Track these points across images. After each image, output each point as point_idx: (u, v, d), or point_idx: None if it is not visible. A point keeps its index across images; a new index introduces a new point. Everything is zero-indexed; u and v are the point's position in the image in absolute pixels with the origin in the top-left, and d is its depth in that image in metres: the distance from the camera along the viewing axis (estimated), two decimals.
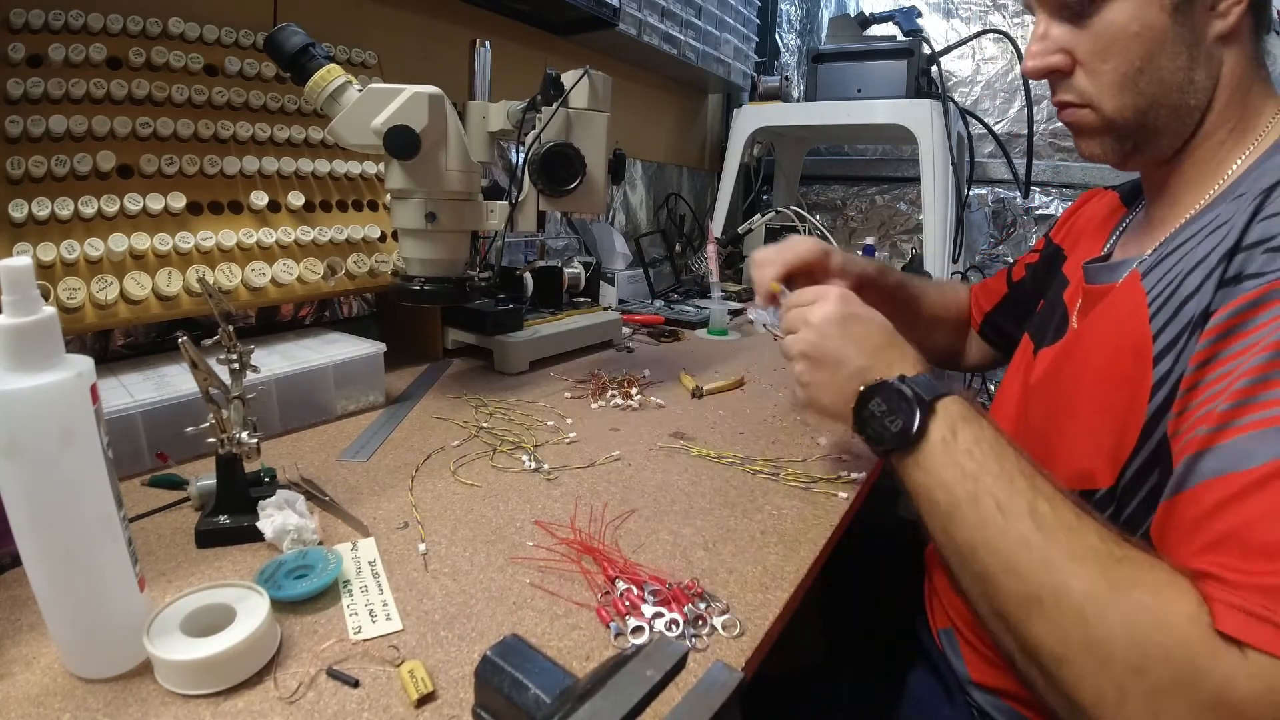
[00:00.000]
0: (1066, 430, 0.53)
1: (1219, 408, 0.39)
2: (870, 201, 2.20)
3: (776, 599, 0.48)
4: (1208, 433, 0.39)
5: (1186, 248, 0.48)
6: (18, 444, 0.34)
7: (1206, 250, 0.45)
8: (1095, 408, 0.50)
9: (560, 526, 0.56)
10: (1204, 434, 0.39)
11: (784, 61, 2.28)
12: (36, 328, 0.35)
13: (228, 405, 0.51)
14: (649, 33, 1.48)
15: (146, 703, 0.36)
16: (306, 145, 0.89)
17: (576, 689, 0.29)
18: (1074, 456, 0.51)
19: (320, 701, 0.37)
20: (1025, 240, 1.98)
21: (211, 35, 0.82)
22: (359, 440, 0.72)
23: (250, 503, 0.52)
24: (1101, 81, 0.52)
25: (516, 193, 0.85)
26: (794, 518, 0.59)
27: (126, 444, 0.61)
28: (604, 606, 0.45)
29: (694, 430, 0.78)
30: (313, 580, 0.45)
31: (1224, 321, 0.41)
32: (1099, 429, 0.49)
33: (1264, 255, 0.41)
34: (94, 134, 0.71)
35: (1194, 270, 0.45)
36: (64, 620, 0.38)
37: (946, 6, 2.00)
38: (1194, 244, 0.47)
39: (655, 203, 1.88)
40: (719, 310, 1.28)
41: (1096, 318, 0.55)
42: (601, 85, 0.86)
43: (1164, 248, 0.51)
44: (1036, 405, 0.59)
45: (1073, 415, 0.53)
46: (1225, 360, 0.40)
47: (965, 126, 1.69)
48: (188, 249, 0.74)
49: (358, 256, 0.88)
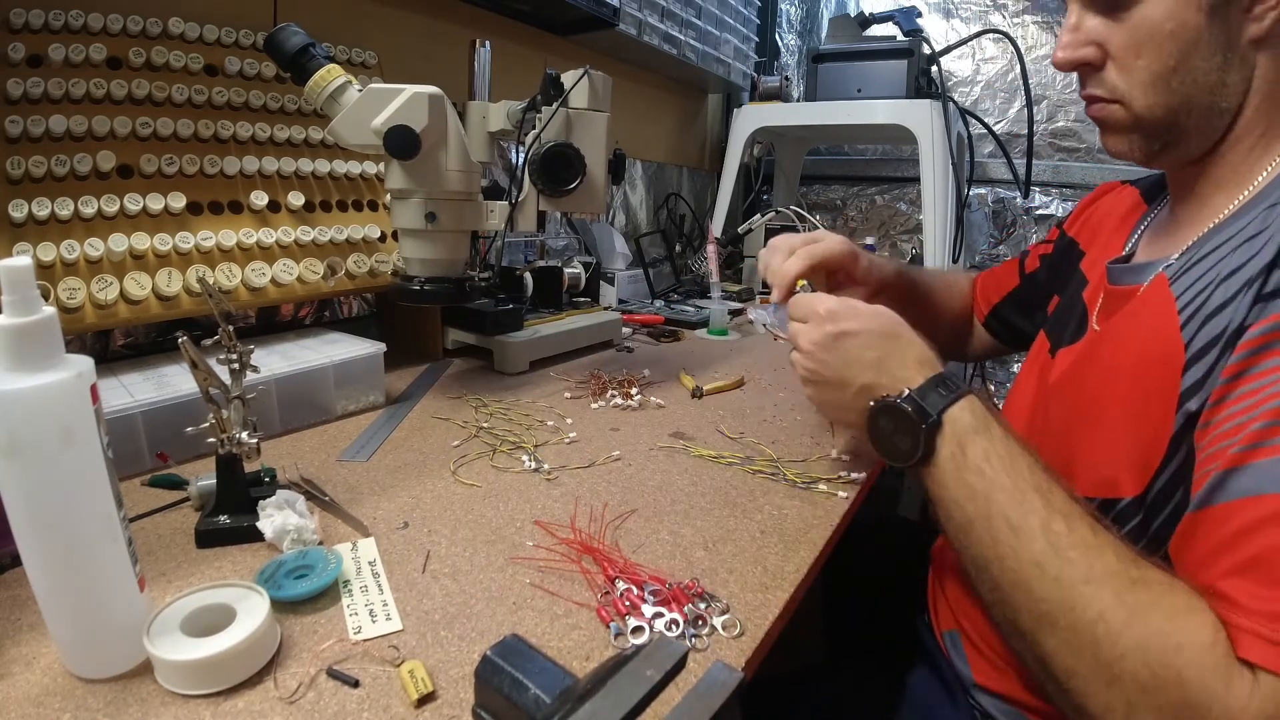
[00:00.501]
0: (1089, 435, 0.52)
1: (1253, 426, 0.38)
2: (870, 201, 2.20)
3: (776, 599, 0.48)
4: (1240, 450, 0.38)
5: (1218, 255, 0.47)
6: (18, 444, 0.34)
7: (1241, 260, 0.44)
8: (1121, 414, 0.49)
9: (560, 526, 0.56)
10: (1236, 451, 0.38)
11: (784, 61, 2.28)
12: (36, 328, 0.35)
13: (228, 405, 0.51)
14: (649, 33, 1.48)
15: (146, 703, 0.36)
16: (306, 145, 0.89)
17: (576, 689, 0.29)
18: (1098, 463, 0.50)
19: (320, 701, 0.37)
20: (1025, 240, 1.98)
21: (211, 35, 0.82)
22: (359, 440, 0.72)
23: (250, 503, 0.52)
24: (1134, 78, 0.51)
25: (516, 193, 0.85)
26: (794, 518, 0.59)
27: (126, 444, 0.61)
28: (604, 607, 0.45)
29: (694, 430, 0.78)
30: (313, 580, 0.45)
31: (1259, 336, 0.40)
32: (1124, 437, 0.48)
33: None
34: (94, 134, 0.71)
35: (1227, 279, 0.44)
36: (64, 620, 0.38)
37: (946, 6, 2.00)
38: (1226, 251, 0.46)
39: (655, 203, 1.88)
40: (719, 310, 1.28)
41: (1121, 321, 0.54)
42: (601, 85, 0.86)
43: (1192, 252, 0.50)
44: (1056, 406, 0.58)
45: (1097, 421, 0.52)
46: (1258, 375, 0.40)
47: (965, 126, 1.69)
48: (188, 249, 0.74)
49: (358, 256, 0.88)
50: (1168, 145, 0.53)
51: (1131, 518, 0.47)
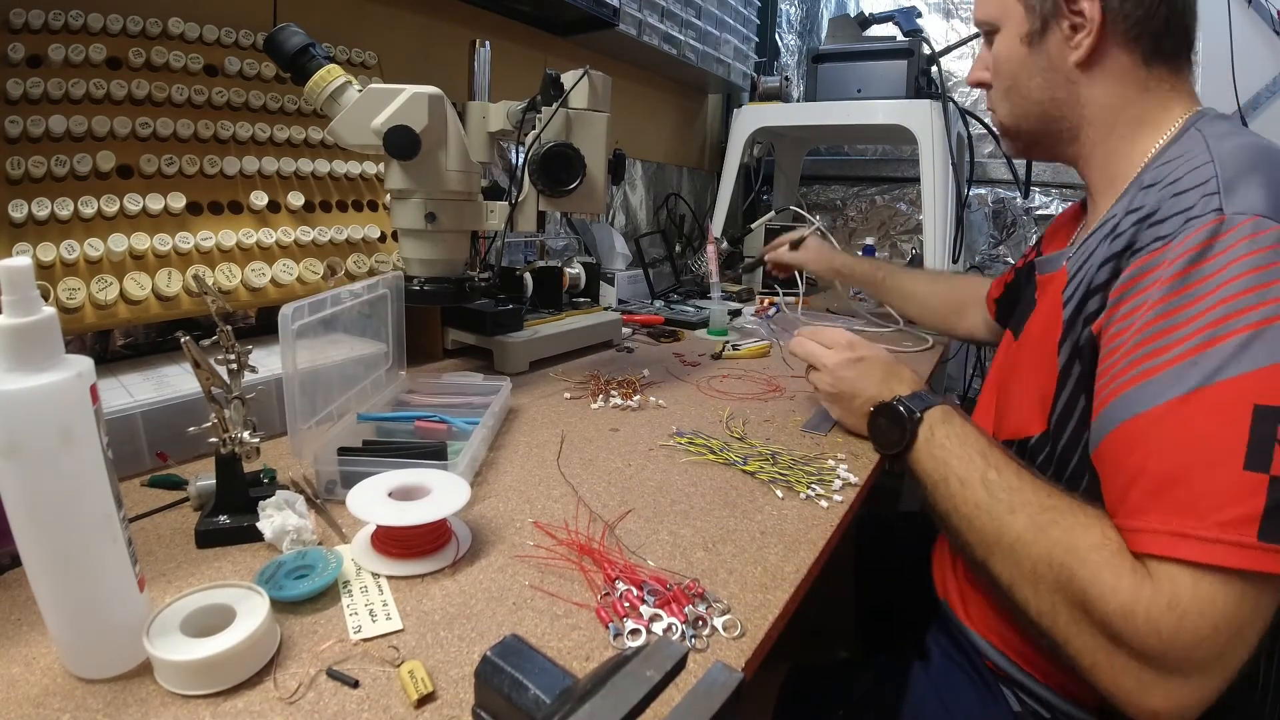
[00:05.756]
0: (1010, 393, 0.66)
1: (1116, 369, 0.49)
2: (870, 201, 2.20)
3: (776, 599, 0.48)
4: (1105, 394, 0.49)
5: (1095, 234, 0.58)
6: (18, 444, 0.34)
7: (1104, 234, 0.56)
8: (1027, 369, 0.63)
9: (560, 527, 0.56)
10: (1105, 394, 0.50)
11: (784, 61, 2.28)
12: (36, 328, 0.35)
13: (228, 405, 0.51)
14: (649, 33, 1.48)
15: (146, 703, 0.36)
16: (306, 145, 0.89)
17: (576, 689, 0.29)
18: (1016, 413, 0.63)
19: (320, 702, 0.37)
20: (1025, 240, 1.98)
21: (211, 35, 0.82)
22: None
23: (250, 503, 0.52)
24: (994, 94, 0.69)
25: (516, 193, 0.85)
26: (794, 518, 0.59)
27: (126, 444, 0.61)
28: (604, 607, 0.45)
29: (694, 430, 0.78)
30: (313, 580, 0.45)
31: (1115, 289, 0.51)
32: (1030, 388, 0.61)
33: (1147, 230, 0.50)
34: (94, 134, 0.71)
35: (1095, 249, 0.56)
36: (64, 620, 0.38)
37: (946, 6, 2.00)
38: (1100, 230, 0.57)
39: (655, 203, 1.88)
40: (719, 310, 1.28)
41: (1042, 301, 0.66)
42: (601, 85, 0.86)
43: (1084, 237, 0.63)
44: (1002, 385, 0.70)
45: (1014, 380, 0.65)
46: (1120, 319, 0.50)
47: (965, 126, 1.69)
48: (188, 249, 0.74)
49: (358, 256, 0.88)
50: (1027, 145, 0.70)
51: (1042, 449, 0.59)
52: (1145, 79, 0.60)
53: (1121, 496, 0.47)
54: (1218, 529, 0.41)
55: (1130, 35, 0.59)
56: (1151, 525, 0.44)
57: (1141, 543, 0.44)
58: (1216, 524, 0.41)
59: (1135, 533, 0.45)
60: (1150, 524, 0.44)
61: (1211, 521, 0.41)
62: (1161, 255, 0.48)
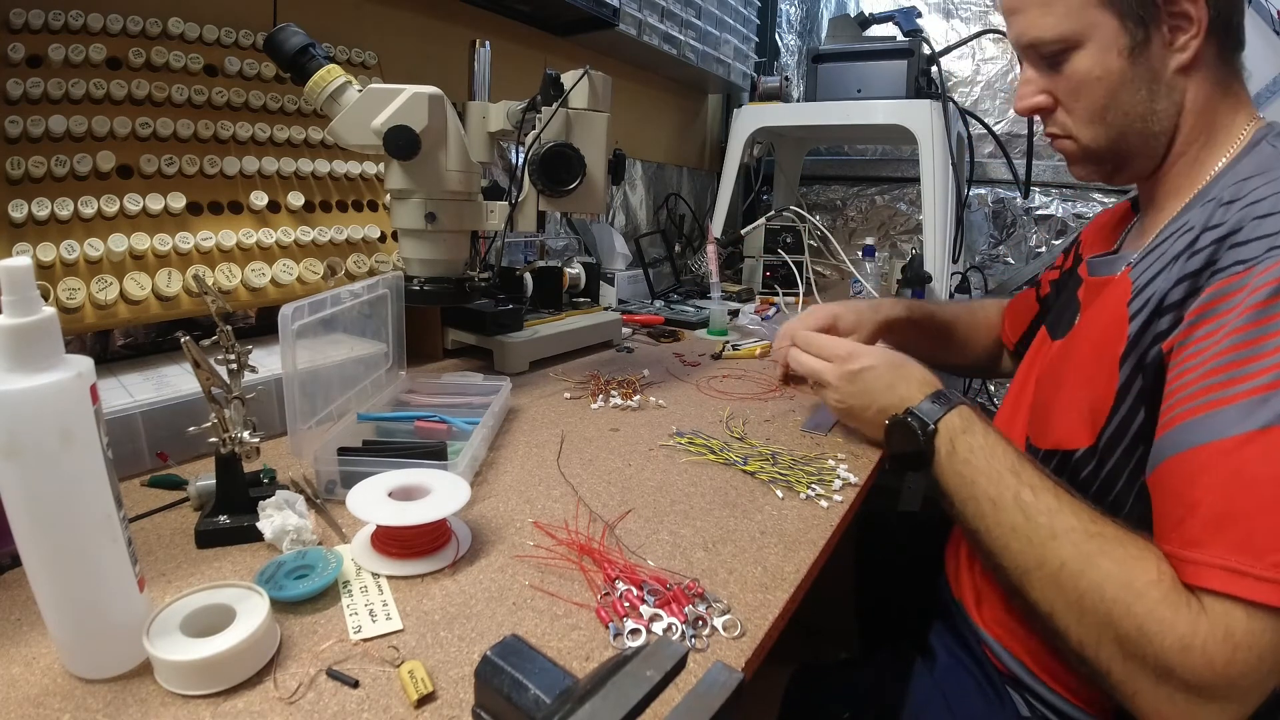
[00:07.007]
0: (1055, 400, 0.62)
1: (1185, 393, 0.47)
2: (870, 201, 2.20)
3: (776, 599, 0.48)
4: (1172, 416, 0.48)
5: (1164, 246, 0.56)
6: (18, 444, 0.34)
7: (1178, 248, 0.53)
8: (1078, 378, 0.59)
9: (560, 527, 0.56)
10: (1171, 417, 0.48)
11: (784, 61, 2.28)
12: (36, 328, 0.34)
13: (228, 405, 0.51)
14: (649, 33, 1.48)
15: (146, 703, 0.36)
16: (306, 145, 0.89)
17: (576, 689, 0.29)
18: (1061, 424, 0.60)
19: (320, 702, 0.37)
20: (1025, 240, 1.98)
21: (211, 35, 0.82)
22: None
23: (250, 503, 0.52)
24: (1076, 118, 0.62)
25: (516, 193, 0.85)
26: (794, 518, 0.59)
27: (126, 444, 0.61)
28: (604, 607, 0.45)
29: (694, 430, 0.78)
30: (313, 580, 0.45)
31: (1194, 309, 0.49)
32: (1080, 398, 0.58)
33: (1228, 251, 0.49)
34: (94, 134, 0.71)
35: (1169, 265, 0.54)
36: (64, 620, 0.38)
37: (946, 6, 2.00)
38: (1171, 243, 0.55)
39: (655, 203, 1.88)
40: (719, 310, 1.27)
41: (1094, 307, 0.63)
42: (601, 85, 0.86)
43: (1149, 245, 0.59)
44: (1043, 389, 0.67)
45: (1059, 387, 0.62)
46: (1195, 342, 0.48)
47: (965, 126, 1.69)
48: (188, 249, 0.74)
49: (358, 256, 0.88)
50: (1118, 167, 0.64)
51: (1087, 465, 0.57)
52: (1225, 76, 0.58)
53: (1176, 525, 0.46)
54: (1274, 569, 0.41)
55: (1220, 29, 0.56)
56: (1208, 559, 0.43)
57: (1197, 575, 0.44)
58: (1273, 564, 0.41)
59: (1190, 564, 0.44)
60: (1206, 557, 0.43)
61: (1269, 562, 0.41)
62: (1244, 280, 0.47)
